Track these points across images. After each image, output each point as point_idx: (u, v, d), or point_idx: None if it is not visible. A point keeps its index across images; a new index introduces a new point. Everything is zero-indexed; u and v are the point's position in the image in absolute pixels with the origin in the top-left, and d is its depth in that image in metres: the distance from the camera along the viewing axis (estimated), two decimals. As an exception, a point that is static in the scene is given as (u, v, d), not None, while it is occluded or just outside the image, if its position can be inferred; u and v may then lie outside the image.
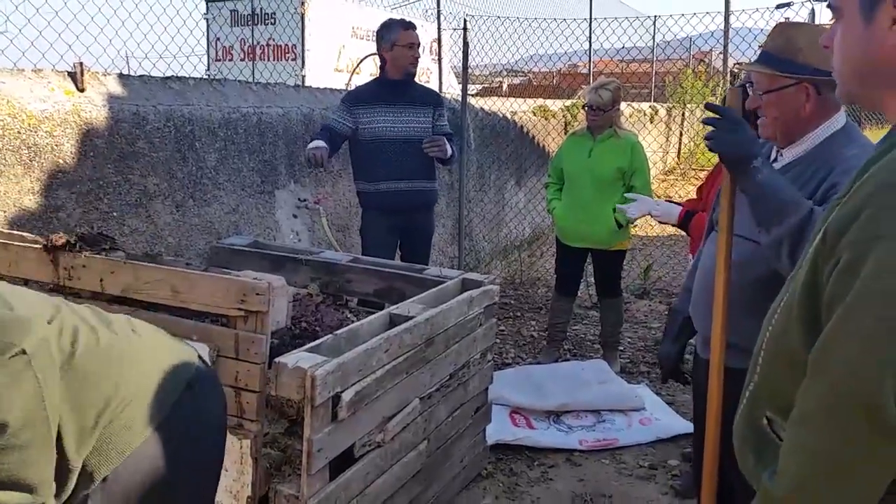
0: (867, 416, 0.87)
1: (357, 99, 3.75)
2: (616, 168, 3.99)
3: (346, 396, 2.09)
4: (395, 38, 3.69)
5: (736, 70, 6.42)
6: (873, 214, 0.89)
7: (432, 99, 3.91)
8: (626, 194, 3.74)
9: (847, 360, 0.89)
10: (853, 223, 0.90)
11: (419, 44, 3.75)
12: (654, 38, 12.19)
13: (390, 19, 3.88)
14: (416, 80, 3.92)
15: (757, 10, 6.32)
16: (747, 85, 1.90)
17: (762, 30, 6.58)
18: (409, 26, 3.75)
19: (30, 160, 3.02)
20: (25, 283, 2.44)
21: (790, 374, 1.01)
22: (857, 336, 0.88)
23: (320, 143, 3.49)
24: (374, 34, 3.91)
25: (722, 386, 1.71)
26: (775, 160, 1.87)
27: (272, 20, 8.80)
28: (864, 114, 8.45)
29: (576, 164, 4.10)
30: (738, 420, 1.15)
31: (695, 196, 3.39)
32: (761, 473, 1.05)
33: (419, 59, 3.79)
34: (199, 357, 1.02)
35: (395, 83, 3.74)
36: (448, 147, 3.76)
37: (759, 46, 1.91)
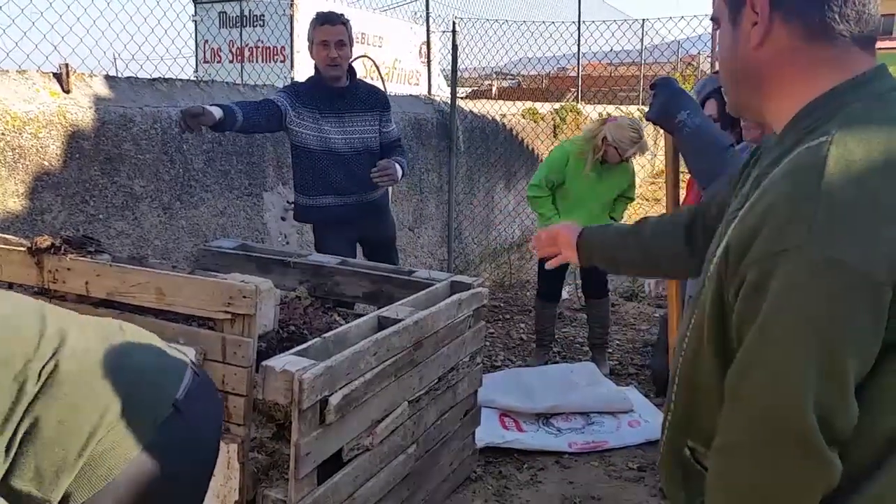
0: (795, 441, 0.82)
1: (296, 97, 3.22)
2: (621, 189, 4.27)
3: (334, 400, 2.08)
4: (310, 35, 3.22)
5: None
6: (775, 228, 0.83)
7: (377, 102, 3.40)
8: None
9: (765, 385, 0.84)
10: (755, 239, 0.85)
11: (341, 41, 3.16)
12: (642, 41, 12.23)
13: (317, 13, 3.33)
14: (405, 81, 3.78)
15: (744, 13, 6.37)
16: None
17: (749, 33, 6.60)
18: (327, 20, 3.18)
19: (14, 162, 2.99)
20: (10, 286, 2.42)
21: (704, 400, 0.96)
22: (772, 358, 0.83)
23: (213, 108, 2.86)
24: (363, 36, 3.76)
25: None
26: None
27: (261, 22, 8.77)
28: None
29: (584, 187, 4.10)
30: (661, 452, 1.09)
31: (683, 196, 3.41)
32: None
33: (341, 60, 3.20)
34: (192, 363, 0.95)
35: (333, 86, 3.25)
36: (398, 171, 3.28)
37: None
